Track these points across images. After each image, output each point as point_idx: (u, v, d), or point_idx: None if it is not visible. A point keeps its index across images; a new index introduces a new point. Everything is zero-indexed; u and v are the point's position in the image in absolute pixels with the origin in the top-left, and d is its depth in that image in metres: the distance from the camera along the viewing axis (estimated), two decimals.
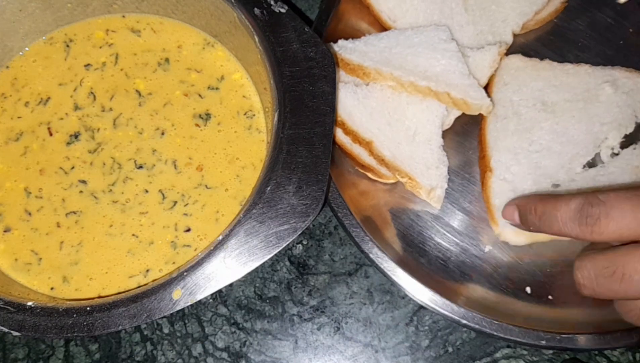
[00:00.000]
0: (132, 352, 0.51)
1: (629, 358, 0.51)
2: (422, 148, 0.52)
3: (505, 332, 0.46)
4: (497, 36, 0.56)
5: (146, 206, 0.48)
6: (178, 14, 0.53)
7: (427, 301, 0.47)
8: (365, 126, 0.51)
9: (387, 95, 0.52)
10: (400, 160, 0.51)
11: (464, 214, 0.53)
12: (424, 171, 0.51)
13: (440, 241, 0.52)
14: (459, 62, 0.51)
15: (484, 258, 0.51)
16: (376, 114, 0.52)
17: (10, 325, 0.39)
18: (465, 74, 0.51)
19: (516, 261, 0.51)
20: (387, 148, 0.51)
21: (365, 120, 0.51)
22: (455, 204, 0.53)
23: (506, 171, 0.52)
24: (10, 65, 0.52)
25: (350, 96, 0.51)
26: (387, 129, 0.52)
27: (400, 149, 0.51)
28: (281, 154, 0.42)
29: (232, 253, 0.40)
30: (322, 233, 0.54)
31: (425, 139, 0.52)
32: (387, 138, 0.51)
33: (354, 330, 0.52)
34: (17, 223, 0.48)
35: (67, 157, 0.50)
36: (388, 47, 0.53)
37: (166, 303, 0.39)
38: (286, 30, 0.46)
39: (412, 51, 0.53)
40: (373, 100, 0.52)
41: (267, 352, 0.51)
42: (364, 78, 0.52)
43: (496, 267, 0.51)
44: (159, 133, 0.50)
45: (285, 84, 0.44)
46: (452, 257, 0.51)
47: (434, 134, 0.52)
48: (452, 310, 0.47)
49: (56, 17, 0.52)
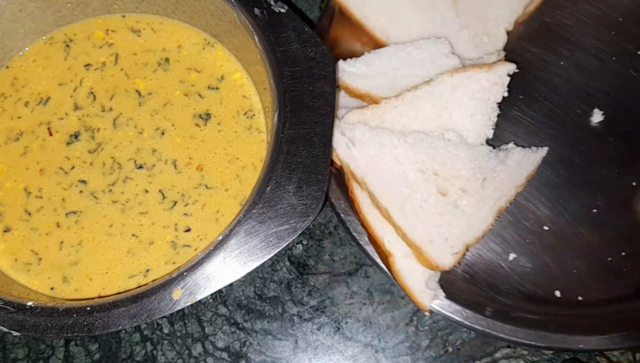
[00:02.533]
0: (132, 352, 0.51)
1: (629, 358, 0.51)
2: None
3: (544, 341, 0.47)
4: (491, 37, 0.56)
5: (146, 206, 0.48)
6: (178, 14, 0.53)
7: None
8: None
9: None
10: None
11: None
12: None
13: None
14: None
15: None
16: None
17: (10, 325, 0.39)
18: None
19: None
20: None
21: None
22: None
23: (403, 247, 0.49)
24: (10, 65, 0.52)
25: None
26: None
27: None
28: (281, 154, 0.42)
29: (232, 253, 0.40)
30: (322, 233, 0.54)
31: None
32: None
33: (354, 330, 0.52)
34: (17, 223, 0.48)
35: (67, 157, 0.50)
36: (392, 69, 0.53)
37: (166, 303, 0.39)
38: (286, 30, 0.46)
39: (416, 71, 0.52)
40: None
41: (267, 352, 0.51)
42: (370, 102, 0.52)
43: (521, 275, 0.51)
44: (159, 133, 0.50)
45: (285, 84, 0.44)
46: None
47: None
48: (444, 306, 0.47)
49: (56, 17, 0.52)
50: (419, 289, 0.47)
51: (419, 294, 0.47)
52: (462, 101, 0.51)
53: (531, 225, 0.53)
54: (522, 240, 0.52)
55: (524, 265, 0.52)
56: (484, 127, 0.52)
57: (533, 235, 0.52)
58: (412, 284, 0.47)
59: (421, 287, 0.47)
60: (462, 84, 0.51)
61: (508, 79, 0.52)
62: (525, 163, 0.51)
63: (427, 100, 0.51)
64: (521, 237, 0.53)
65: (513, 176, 0.50)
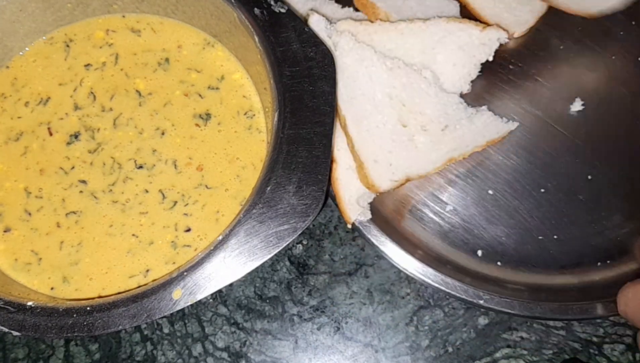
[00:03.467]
0: (132, 352, 0.51)
1: (629, 358, 0.51)
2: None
3: (448, 287, 0.48)
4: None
5: (146, 206, 0.48)
6: (178, 14, 0.53)
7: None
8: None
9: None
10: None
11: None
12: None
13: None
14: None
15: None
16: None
17: (10, 325, 0.39)
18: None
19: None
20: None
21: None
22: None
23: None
24: (10, 65, 0.52)
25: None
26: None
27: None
28: (281, 154, 0.42)
29: (232, 253, 0.40)
30: (322, 233, 0.54)
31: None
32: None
33: (354, 330, 0.52)
34: (17, 223, 0.48)
35: (67, 157, 0.50)
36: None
37: (166, 303, 0.39)
38: (286, 30, 0.46)
39: (422, 10, 0.55)
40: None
41: (267, 352, 0.51)
42: (372, 16, 0.55)
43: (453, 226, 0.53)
44: (159, 133, 0.50)
45: (285, 84, 0.44)
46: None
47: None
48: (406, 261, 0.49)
49: (56, 17, 0.52)
50: (349, 202, 0.49)
51: (348, 206, 0.49)
52: (450, 48, 0.53)
53: (477, 184, 0.54)
54: (464, 195, 0.53)
55: (458, 218, 0.53)
56: (461, 80, 0.54)
57: (476, 194, 0.53)
58: (344, 195, 0.49)
59: (352, 201, 0.49)
60: (454, 32, 0.53)
61: (497, 45, 0.54)
62: (491, 128, 0.52)
63: (418, 35, 0.53)
64: (463, 192, 0.53)
65: (475, 135, 0.52)
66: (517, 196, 0.53)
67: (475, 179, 0.54)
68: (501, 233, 0.52)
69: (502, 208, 0.53)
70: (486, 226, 0.53)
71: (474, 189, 0.54)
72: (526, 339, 0.51)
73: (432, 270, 0.48)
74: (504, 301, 0.48)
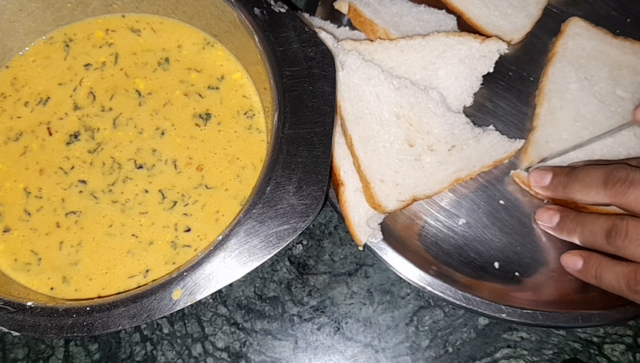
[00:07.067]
0: (132, 352, 0.51)
1: (629, 358, 0.51)
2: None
3: (469, 304, 0.48)
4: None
5: (146, 206, 0.48)
6: (178, 13, 0.53)
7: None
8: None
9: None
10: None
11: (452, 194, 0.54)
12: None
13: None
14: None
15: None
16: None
17: (10, 325, 0.39)
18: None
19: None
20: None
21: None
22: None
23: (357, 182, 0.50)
24: (10, 65, 0.52)
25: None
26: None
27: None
28: (281, 154, 0.42)
29: (232, 253, 0.40)
30: (322, 233, 0.54)
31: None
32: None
33: (354, 330, 0.52)
34: (16, 223, 0.48)
35: (66, 157, 0.50)
36: (399, 14, 0.55)
37: (166, 303, 0.39)
38: (286, 30, 0.46)
39: (420, 25, 0.55)
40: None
41: (267, 352, 0.51)
42: (370, 34, 0.55)
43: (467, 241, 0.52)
44: (159, 133, 0.50)
45: (285, 84, 0.44)
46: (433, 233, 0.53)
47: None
48: (420, 276, 0.48)
49: (56, 17, 0.52)
50: (359, 224, 0.49)
51: (357, 228, 0.49)
52: (450, 62, 0.53)
53: (487, 195, 0.54)
54: (475, 207, 0.53)
55: (471, 231, 0.52)
56: (464, 93, 0.54)
57: (488, 206, 0.53)
58: (354, 217, 0.49)
59: (362, 223, 0.49)
60: (454, 46, 0.53)
61: (497, 56, 0.54)
62: (498, 148, 0.52)
63: (418, 51, 0.53)
64: (475, 204, 0.53)
65: (481, 155, 0.51)
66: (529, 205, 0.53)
67: (485, 190, 0.54)
68: (516, 242, 0.52)
69: (514, 217, 0.53)
70: (500, 237, 0.52)
71: (485, 200, 0.53)
72: (526, 339, 0.51)
73: (452, 287, 0.48)
74: (527, 313, 0.47)
